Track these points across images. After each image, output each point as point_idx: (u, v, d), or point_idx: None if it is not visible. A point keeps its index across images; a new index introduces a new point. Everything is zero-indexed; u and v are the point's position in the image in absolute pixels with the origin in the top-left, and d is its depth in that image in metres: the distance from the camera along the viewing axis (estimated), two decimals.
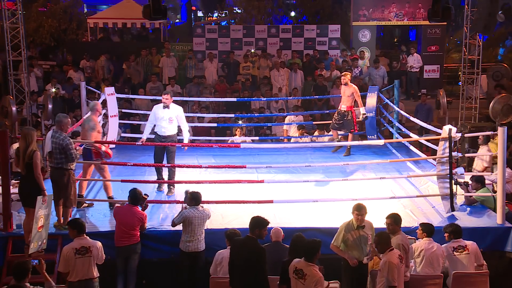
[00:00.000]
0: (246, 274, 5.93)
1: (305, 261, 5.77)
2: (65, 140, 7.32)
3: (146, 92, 14.35)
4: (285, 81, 15.34)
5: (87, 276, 6.36)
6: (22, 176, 7.26)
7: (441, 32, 17.16)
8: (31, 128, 7.77)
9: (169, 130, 8.95)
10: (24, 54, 12.63)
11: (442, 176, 8.14)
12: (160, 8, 10.48)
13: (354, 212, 6.61)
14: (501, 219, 7.81)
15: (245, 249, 6.00)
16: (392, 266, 5.93)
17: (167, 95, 8.97)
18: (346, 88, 10.83)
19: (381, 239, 6.19)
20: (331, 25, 17.43)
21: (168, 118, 8.89)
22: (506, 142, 7.92)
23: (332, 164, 9.58)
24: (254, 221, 6.16)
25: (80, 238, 6.46)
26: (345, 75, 10.93)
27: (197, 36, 17.04)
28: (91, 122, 8.46)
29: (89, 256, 6.38)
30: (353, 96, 10.76)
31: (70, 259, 6.32)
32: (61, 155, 7.33)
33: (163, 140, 8.90)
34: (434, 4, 11.10)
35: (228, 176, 9.31)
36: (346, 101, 10.85)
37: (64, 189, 7.40)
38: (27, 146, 7.10)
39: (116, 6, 20.32)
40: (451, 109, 13.07)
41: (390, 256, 6.03)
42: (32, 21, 18.49)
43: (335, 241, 6.64)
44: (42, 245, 6.78)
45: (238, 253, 6.05)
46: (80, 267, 6.33)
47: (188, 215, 7.15)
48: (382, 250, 6.13)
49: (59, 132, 7.39)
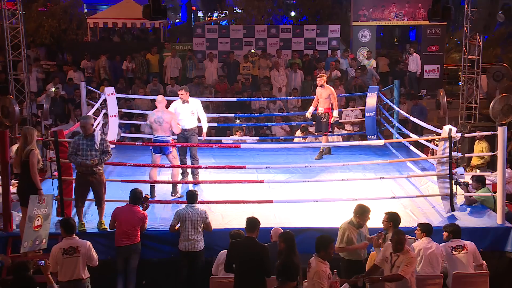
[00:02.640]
0: (252, 274, 5.98)
1: (315, 255, 5.90)
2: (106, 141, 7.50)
3: (146, 93, 14.36)
4: (285, 81, 15.35)
5: (76, 277, 6.32)
6: (19, 175, 7.27)
7: (441, 32, 17.15)
8: (31, 127, 7.76)
9: (191, 123, 9.29)
10: (24, 54, 12.64)
11: (442, 176, 8.14)
12: (160, 8, 10.47)
13: (357, 216, 6.69)
14: (501, 219, 7.81)
15: (248, 250, 6.04)
16: (414, 261, 6.08)
17: (182, 90, 9.28)
18: (323, 90, 10.60)
19: (400, 238, 6.16)
20: (331, 25, 17.43)
21: (190, 112, 9.24)
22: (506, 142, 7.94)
23: (332, 164, 9.58)
24: (251, 221, 6.22)
25: (69, 238, 6.44)
26: (321, 77, 10.70)
27: (197, 36, 17.05)
28: (169, 113, 8.75)
29: (77, 256, 6.34)
30: (330, 98, 10.58)
31: (58, 259, 6.31)
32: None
33: (186, 133, 9.24)
34: (434, 4, 11.08)
35: (228, 176, 9.31)
36: (323, 103, 10.62)
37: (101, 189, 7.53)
38: (25, 145, 7.11)
39: (116, 6, 20.33)
40: (451, 109, 13.09)
41: (410, 253, 6.14)
42: (32, 21, 18.47)
43: (340, 242, 6.65)
44: (40, 244, 6.77)
45: (241, 255, 6.06)
46: (67, 267, 6.31)
47: (181, 213, 7.23)
48: (400, 250, 6.12)
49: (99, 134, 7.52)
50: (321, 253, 5.88)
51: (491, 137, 9.60)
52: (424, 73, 16.94)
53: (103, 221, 7.54)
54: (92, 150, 7.34)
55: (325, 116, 10.64)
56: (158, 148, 8.70)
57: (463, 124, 12.06)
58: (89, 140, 7.37)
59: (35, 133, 7.35)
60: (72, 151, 7.40)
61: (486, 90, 15.69)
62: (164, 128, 8.64)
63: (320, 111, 10.70)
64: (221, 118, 13.17)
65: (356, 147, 10.99)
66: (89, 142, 7.37)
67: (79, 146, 7.36)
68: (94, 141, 7.37)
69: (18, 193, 7.32)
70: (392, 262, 6.13)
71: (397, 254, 6.10)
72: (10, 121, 10.57)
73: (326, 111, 10.63)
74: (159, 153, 8.74)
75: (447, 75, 18.00)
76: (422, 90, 16.65)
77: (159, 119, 8.65)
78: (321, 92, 10.65)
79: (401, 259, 6.07)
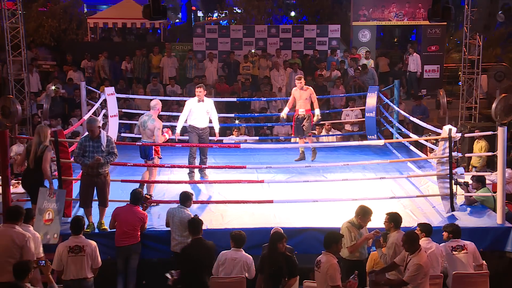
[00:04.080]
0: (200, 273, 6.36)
1: (324, 251, 5.94)
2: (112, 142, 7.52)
3: (146, 93, 14.36)
4: (285, 81, 15.35)
5: (80, 276, 6.32)
6: (29, 171, 7.32)
7: (441, 32, 17.16)
8: (45, 125, 7.83)
9: (205, 122, 9.44)
10: (24, 54, 12.64)
11: (442, 176, 8.14)
12: (160, 8, 10.48)
13: (358, 217, 6.71)
14: (501, 219, 7.81)
15: (197, 251, 6.39)
16: (420, 268, 5.98)
17: (200, 88, 9.34)
18: (303, 91, 10.37)
19: (410, 239, 6.15)
20: (331, 25, 17.45)
21: (205, 111, 9.35)
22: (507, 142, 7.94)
23: (332, 164, 9.58)
24: (192, 223, 6.65)
25: (76, 237, 6.46)
26: (300, 78, 10.46)
27: (197, 36, 17.05)
28: (155, 121, 8.48)
29: (82, 255, 6.34)
30: (310, 98, 10.43)
31: (63, 257, 6.32)
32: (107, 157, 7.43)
33: (200, 132, 9.42)
34: (434, 4, 11.09)
35: (228, 176, 9.32)
36: (304, 105, 10.42)
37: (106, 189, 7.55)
38: (40, 142, 7.26)
39: (116, 6, 20.32)
40: (451, 109, 13.10)
41: (420, 258, 6.06)
42: (32, 21, 18.47)
43: (350, 241, 6.66)
44: (51, 239, 6.81)
45: (191, 257, 6.41)
46: (72, 266, 6.31)
47: (169, 212, 7.31)
48: (411, 251, 6.11)
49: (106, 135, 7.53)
50: (333, 248, 5.93)
51: (491, 137, 9.61)
52: (424, 73, 16.96)
53: (103, 222, 7.54)
54: (99, 151, 7.33)
55: (307, 118, 10.44)
56: (142, 153, 8.64)
57: (463, 124, 12.07)
58: (95, 142, 7.36)
59: (48, 131, 7.47)
60: (79, 152, 7.38)
61: (486, 90, 15.70)
62: (147, 134, 8.53)
63: (301, 113, 10.44)
64: (221, 118, 13.14)
65: (356, 147, 10.99)
66: (95, 143, 7.35)
67: (85, 147, 7.35)
68: (100, 142, 7.36)
69: (29, 190, 7.39)
70: (406, 262, 6.16)
71: (410, 256, 6.11)
72: (11, 121, 10.59)
73: (307, 112, 10.44)
74: (143, 158, 8.66)
75: (447, 75, 18.01)
76: (422, 90, 16.65)
77: (143, 124, 8.56)
78: (301, 94, 10.42)
79: (411, 262, 6.07)
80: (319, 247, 6.38)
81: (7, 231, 6.03)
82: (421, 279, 6.02)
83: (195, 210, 8.33)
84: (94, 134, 7.37)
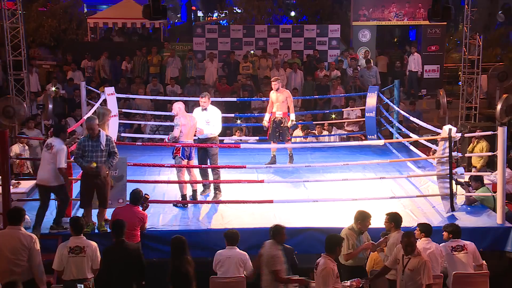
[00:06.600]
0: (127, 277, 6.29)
1: (323, 254, 5.97)
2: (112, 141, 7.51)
3: (146, 93, 14.35)
4: (285, 81, 15.34)
5: (80, 276, 6.31)
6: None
7: (441, 32, 17.15)
8: (92, 117, 7.77)
9: (206, 131, 8.84)
10: (24, 54, 12.63)
11: (442, 176, 8.14)
12: (160, 8, 10.49)
13: (358, 222, 6.70)
14: (501, 219, 7.82)
15: (121, 254, 6.29)
16: (428, 265, 6.05)
17: (205, 97, 8.90)
18: (279, 94, 10.11)
19: (410, 241, 6.15)
20: (331, 25, 17.45)
21: (205, 121, 8.82)
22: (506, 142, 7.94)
23: (332, 164, 9.58)
24: (116, 225, 6.50)
25: (76, 237, 6.44)
26: (276, 80, 10.24)
27: (197, 36, 17.05)
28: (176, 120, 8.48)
29: (82, 256, 6.33)
30: (286, 101, 10.20)
31: (63, 257, 6.31)
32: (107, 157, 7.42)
33: (203, 142, 8.84)
34: (434, 4, 11.09)
35: (228, 176, 9.31)
36: (281, 108, 10.20)
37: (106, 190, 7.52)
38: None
39: (116, 6, 20.31)
40: (451, 109, 13.09)
41: (422, 256, 6.13)
42: (32, 21, 18.46)
43: (347, 249, 6.63)
44: (117, 203, 7.59)
45: (115, 260, 6.28)
46: (72, 266, 6.30)
47: None
48: (411, 252, 6.11)
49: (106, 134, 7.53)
50: (334, 252, 5.96)
51: (491, 137, 9.61)
52: (424, 73, 16.94)
53: (103, 223, 7.53)
54: (98, 151, 7.30)
55: (284, 121, 10.19)
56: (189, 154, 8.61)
57: (463, 124, 12.07)
58: (95, 141, 7.31)
59: (96, 122, 7.42)
60: (77, 153, 7.35)
61: (486, 90, 15.70)
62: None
63: (278, 116, 10.17)
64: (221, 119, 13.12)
65: (356, 147, 10.99)
66: (95, 143, 7.30)
67: (85, 147, 7.30)
68: (99, 142, 7.32)
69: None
70: (403, 264, 6.14)
71: (408, 257, 6.11)
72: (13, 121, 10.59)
73: (284, 115, 10.20)
74: (186, 159, 8.60)
75: (447, 75, 17.99)
76: (422, 90, 16.64)
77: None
78: (277, 96, 10.18)
79: (412, 262, 6.07)
80: (319, 247, 6.39)
81: (15, 233, 6.12)
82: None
83: (195, 210, 8.36)
84: (93, 133, 7.33)
